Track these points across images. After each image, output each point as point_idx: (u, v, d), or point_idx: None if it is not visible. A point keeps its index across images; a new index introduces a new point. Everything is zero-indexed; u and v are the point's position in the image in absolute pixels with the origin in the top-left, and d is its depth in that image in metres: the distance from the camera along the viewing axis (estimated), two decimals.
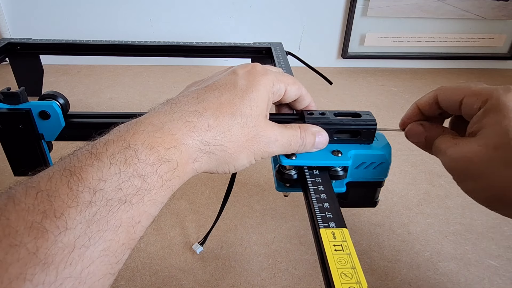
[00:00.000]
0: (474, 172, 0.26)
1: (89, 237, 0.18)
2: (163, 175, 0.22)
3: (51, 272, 0.16)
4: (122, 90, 0.77)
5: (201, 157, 0.25)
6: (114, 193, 0.19)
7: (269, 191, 0.50)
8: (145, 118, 0.24)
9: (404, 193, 0.51)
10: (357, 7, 0.84)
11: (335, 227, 0.26)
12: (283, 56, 0.61)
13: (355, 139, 0.33)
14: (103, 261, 0.18)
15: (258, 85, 0.28)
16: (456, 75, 0.90)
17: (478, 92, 0.27)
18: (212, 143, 0.25)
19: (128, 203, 0.20)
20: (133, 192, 0.20)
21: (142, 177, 0.20)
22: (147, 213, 0.21)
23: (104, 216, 0.18)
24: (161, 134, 0.22)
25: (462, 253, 0.42)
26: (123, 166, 0.20)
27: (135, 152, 0.21)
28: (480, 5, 0.85)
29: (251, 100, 0.27)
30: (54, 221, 0.17)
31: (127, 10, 0.83)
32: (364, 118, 0.32)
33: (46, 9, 0.81)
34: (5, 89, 0.36)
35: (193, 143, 0.24)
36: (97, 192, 0.19)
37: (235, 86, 0.27)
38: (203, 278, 0.39)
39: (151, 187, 0.21)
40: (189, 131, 0.24)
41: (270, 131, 0.28)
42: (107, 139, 0.21)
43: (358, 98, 0.77)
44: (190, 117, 0.24)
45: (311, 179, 0.31)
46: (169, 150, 0.22)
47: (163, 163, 0.22)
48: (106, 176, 0.19)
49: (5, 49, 0.62)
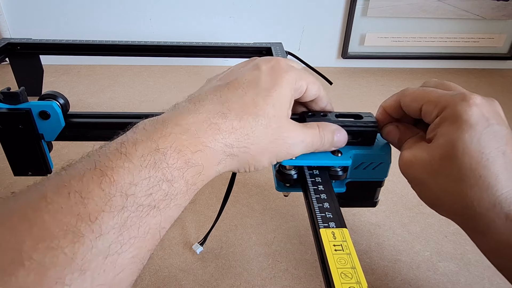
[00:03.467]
0: (414, 177, 0.28)
1: (121, 244, 0.18)
2: (189, 179, 0.22)
3: (87, 278, 0.16)
4: (122, 90, 0.77)
5: (225, 159, 0.24)
6: (144, 199, 0.19)
7: (269, 191, 0.50)
8: (171, 119, 0.23)
9: (404, 193, 0.51)
10: (357, 7, 0.84)
11: (335, 227, 0.26)
12: (283, 56, 0.61)
13: (356, 141, 0.33)
14: (132, 268, 0.18)
15: (282, 83, 0.27)
16: (456, 75, 0.90)
17: (436, 100, 0.27)
18: (236, 145, 0.24)
19: (156, 208, 0.20)
20: (161, 197, 0.20)
21: (170, 182, 0.20)
22: (171, 217, 0.21)
23: (135, 222, 0.18)
24: (188, 137, 0.22)
25: (462, 253, 0.42)
26: (153, 170, 0.20)
27: (163, 155, 0.21)
28: (480, 5, 0.85)
29: (274, 99, 0.26)
30: (90, 225, 0.17)
31: (127, 10, 0.83)
32: (366, 120, 0.32)
33: (46, 9, 0.81)
34: (5, 89, 0.36)
35: (218, 146, 0.24)
36: (129, 197, 0.18)
37: (258, 84, 0.27)
38: (203, 278, 0.39)
39: (178, 192, 0.21)
40: (214, 134, 0.24)
41: (294, 133, 0.28)
42: (135, 139, 0.21)
43: (358, 98, 0.77)
44: (215, 118, 0.24)
45: (311, 179, 0.31)
46: (195, 154, 0.22)
47: (189, 167, 0.22)
48: (137, 180, 0.19)
49: (5, 49, 0.62)
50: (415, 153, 0.28)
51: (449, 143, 0.25)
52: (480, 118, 0.25)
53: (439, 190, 0.26)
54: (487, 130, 0.24)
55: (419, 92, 0.29)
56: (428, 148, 0.27)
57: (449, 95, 0.27)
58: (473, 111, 0.25)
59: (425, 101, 0.28)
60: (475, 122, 0.25)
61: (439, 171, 0.26)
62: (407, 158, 0.28)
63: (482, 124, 0.25)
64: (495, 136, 0.24)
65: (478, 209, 0.24)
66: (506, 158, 0.24)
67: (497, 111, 0.26)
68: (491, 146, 0.24)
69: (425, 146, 0.27)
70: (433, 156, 0.26)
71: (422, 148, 0.27)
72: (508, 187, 0.24)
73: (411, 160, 0.28)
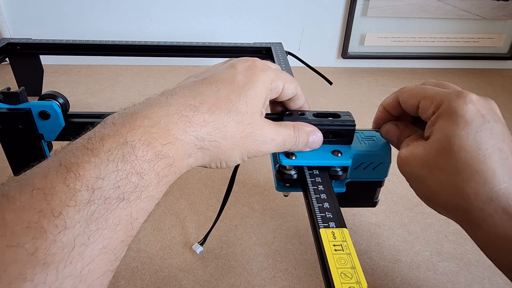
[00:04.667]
0: (412, 173, 0.28)
1: (89, 236, 0.18)
2: (160, 171, 0.22)
3: (51, 271, 0.16)
4: (122, 90, 0.77)
5: (196, 152, 0.24)
6: (112, 191, 0.19)
7: (269, 191, 0.50)
8: (141, 111, 0.23)
9: (404, 193, 0.51)
10: (357, 7, 0.84)
11: (335, 227, 0.26)
12: (283, 56, 0.61)
13: (334, 140, 0.33)
14: (102, 259, 0.18)
15: (257, 82, 0.28)
16: (456, 75, 0.90)
17: (432, 96, 0.28)
18: (207, 139, 0.24)
19: (126, 200, 0.20)
20: (131, 189, 0.20)
21: (139, 174, 0.20)
22: (144, 209, 0.21)
23: (103, 214, 0.18)
24: (158, 129, 0.22)
25: (462, 253, 0.42)
26: (121, 163, 0.20)
27: (132, 148, 0.21)
28: (480, 5, 0.85)
29: (247, 97, 0.27)
30: (53, 220, 0.17)
31: (127, 10, 0.83)
32: (343, 119, 0.32)
33: (46, 9, 0.81)
34: (5, 89, 0.36)
35: (189, 138, 0.24)
36: (96, 191, 0.19)
37: (232, 82, 0.27)
38: (203, 278, 0.39)
39: (148, 184, 0.21)
40: (185, 126, 0.23)
41: (266, 130, 0.28)
42: (103, 133, 0.21)
43: (358, 98, 0.77)
44: (186, 111, 0.24)
45: (311, 179, 0.31)
46: (165, 146, 0.22)
47: (160, 159, 0.22)
48: (103, 174, 0.19)
49: (5, 49, 0.62)
50: (412, 150, 0.28)
51: (445, 137, 0.26)
52: (475, 115, 0.25)
53: (435, 184, 0.27)
54: (483, 127, 0.25)
55: (416, 89, 0.29)
56: (425, 144, 0.27)
57: (446, 92, 0.27)
58: (468, 107, 0.26)
59: (422, 97, 0.28)
60: (470, 118, 0.25)
61: (435, 166, 0.26)
62: (404, 154, 0.29)
63: (478, 121, 0.25)
64: (491, 133, 0.25)
65: (474, 203, 0.25)
66: (502, 154, 0.25)
67: (492, 108, 0.27)
68: (487, 143, 0.25)
69: (421, 142, 0.28)
70: (430, 151, 0.27)
71: (419, 144, 0.28)
72: (505, 182, 0.24)
73: (408, 157, 0.28)
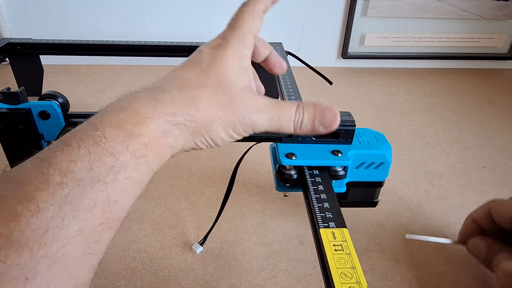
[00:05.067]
0: None
1: (63, 218, 0.18)
2: (135, 151, 0.21)
3: (25, 253, 0.17)
4: (122, 90, 0.76)
5: (172, 130, 0.24)
6: (86, 173, 0.19)
7: (269, 191, 0.50)
8: (112, 103, 0.24)
9: (404, 193, 0.51)
10: (357, 7, 0.84)
11: (335, 227, 0.26)
12: (283, 56, 0.61)
13: (334, 140, 0.33)
14: (79, 241, 0.18)
15: (224, 56, 0.26)
16: (456, 75, 0.90)
17: None
18: (179, 113, 0.24)
19: (101, 182, 0.20)
20: (106, 171, 0.20)
21: (113, 155, 0.20)
22: (125, 192, 0.21)
23: (77, 196, 0.19)
24: (126, 113, 0.22)
25: (462, 253, 0.42)
26: (92, 147, 0.20)
27: (102, 132, 0.21)
28: (480, 5, 0.85)
29: (219, 72, 0.26)
30: (26, 205, 0.17)
31: (127, 10, 0.83)
32: (343, 119, 0.32)
33: (46, 9, 0.81)
34: (5, 89, 0.36)
35: (159, 115, 0.23)
36: (68, 174, 0.19)
37: (200, 63, 0.26)
38: (203, 278, 0.39)
39: (126, 165, 0.21)
40: (153, 105, 0.23)
41: (249, 99, 0.26)
42: (76, 128, 0.22)
43: (358, 98, 0.77)
44: (153, 93, 0.24)
45: (311, 179, 0.31)
46: (136, 126, 0.22)
47: (132, 139, 0.22)
48: (76, 158, 0.19)
49: (5, 49, 0.62)
50: None
51: None
52: None
53: None
54: None
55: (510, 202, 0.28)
56: None
57: None
58: None
59: None
60: None
61: None
62: None
63: None
64: None
65: None
66: None
67: None
68: None
69: None
70: None
71: None
72: None
73: None
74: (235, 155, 0.40)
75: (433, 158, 0.58)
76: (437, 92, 0.81)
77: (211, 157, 0.56)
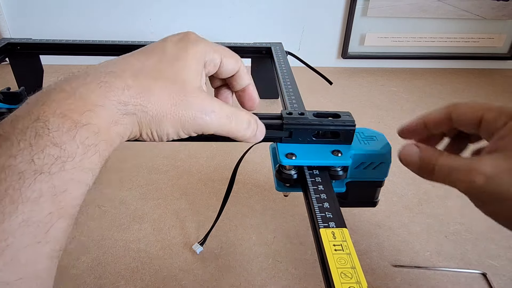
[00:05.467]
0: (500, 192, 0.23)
1: (2, 212, 0.18)
2: (84, 140, 0.21)
3: None
4: None
5: (122, 119, 0.23)
6: (27, 166, 0.19)
7: (269, 191, 0.50)
8: (56, 85, 0.22)
9: (404, 193, 0.51)
10: (357, 7, 0.84)
11: (335, 227, 0.26)
12: (283, 56, 0.61)
13: (334, 140, 0.33)
14: (24, 232, 0.18)
15: (188, 53, 0.26)
16: (456, 75, 0.90)
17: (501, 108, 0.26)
18: (131, 102, 0.23)
19: (45, 173, 0.19)
20: (50, 162, 0.19)
21: (58, 146, 0.20)
22: (74, 180, 0.20)
23: (17, 189, 0.18)
24: (74, 100, 0.21)
25: (462, 253, 0.42)
26: (34, 139, 0.19)
27: (44, 123, 0.20)
28: (480, 5, 0.85)
29: (177, 66, 0.25)
30: None
31: (127, 10, 0.83)
32: (343, 119, 0.32)
33: (46, 9, 0.81)
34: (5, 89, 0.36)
35: (110, 103, 0.22)
36: (7, 169, 0.18)
37: (164, 53, 0.26)
38: (203, 278, 0.39)
39: (73, 154, 0.20)
40: (105, 92, 0.22)
41: (205, 100, 0.25)
42: (14, 115, 0.21)
43: (358, 98, 0.77)
44: (106, 78, 0.23)
45: (311, 179, 0.31)
46: (84, 114, 0.21)
47: (80, 127, 0.21)
48: (15, 153, 0.19)
49: (5, 49, 0.62)
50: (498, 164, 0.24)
51: None
52: None
53: None
54: None
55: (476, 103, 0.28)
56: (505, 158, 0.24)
57: None
58: None
59: (488, 110, 0.26)
60: None
61: None
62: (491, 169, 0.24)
63: None
64: None
65: None
66: None
67: None
68: None
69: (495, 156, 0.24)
70: None
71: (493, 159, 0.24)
72: None
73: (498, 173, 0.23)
74: (235, 155, 0.40)
75: None
76: (437, 92, 0.81)
77: (211, 157, 0.56)
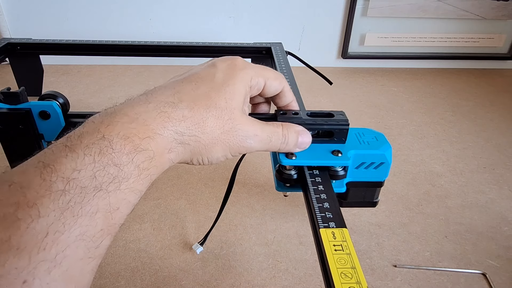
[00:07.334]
0: None
1: (63, 223, 0.18)
2: (140, 164, 0.22)
3: (23, 257, 0.17)
4: (122, 90, 0.77)
5: (176, 147, 0.25)
6: (89, 181, 0.20)
7: (269, 191, 0.50)
8: (120, 109, 0.24)
9: (404, 193, 0.51)
10: (357, 7, 0.84)
11: (335, 227, 0.26)
12: (283, 56, 0.61)
13: (328, 139, 0.33)
14: (79, 246, 0.19)
15: (235, 79, 0.28)
16: (456, 75, 0.90)
17: None
18: (187, 133, 0.25)
19: (104, 190, 0.20)
20: (109, 180, 0.20)
21: (118, 166, 0.21)
22: (125, 200, 0.21)
23: (79, 203, 0.19)
24: (136, 125, 0.23)
25: (462, 253, 0.42)
26: (98, 156, 0.20)
27: (109, 142, 0.21)
28: (480, 5, 0.85)
29: (226, 93, 0.27)
30: (27, 211, 0.18)
31: (127, 10, 0.83)
32: (337, 118, 0.32)
33: (46, 9, 0.81)
34: (5, 89, 0.36)
35: (168, 133, 0.24)
36: (71, 181, 0.19)
37: (212, 79, 0.27)
38: (203, 278, 0.39)
39: (128, 176, 0.21)
40: (164, 121, 0.24)
41: (249, 125, 0.28)
42: (82, 131, 0.22)
43: (358, 98, 0.77)
44: (165, 107, 0.25)
45: (311, 179, 0.31)
46: (144, 140, 0.22)
47: (138, 152, 0.22)
48: (80, 166, 0.20)
49: (5, 49, 0.62)
50: None
51: None
52: None
53: None
54: None
55: None
56: None
57: None
58: None
59: None
60: None
61: None
62: None
63: None
64: None
65: None
66: None
67: None
68: None
69: None
70: None
71: None
72: None
73: None
74: None
75: (433, 158, 0.58)
76: (437, 92, 0.81)
77: None
